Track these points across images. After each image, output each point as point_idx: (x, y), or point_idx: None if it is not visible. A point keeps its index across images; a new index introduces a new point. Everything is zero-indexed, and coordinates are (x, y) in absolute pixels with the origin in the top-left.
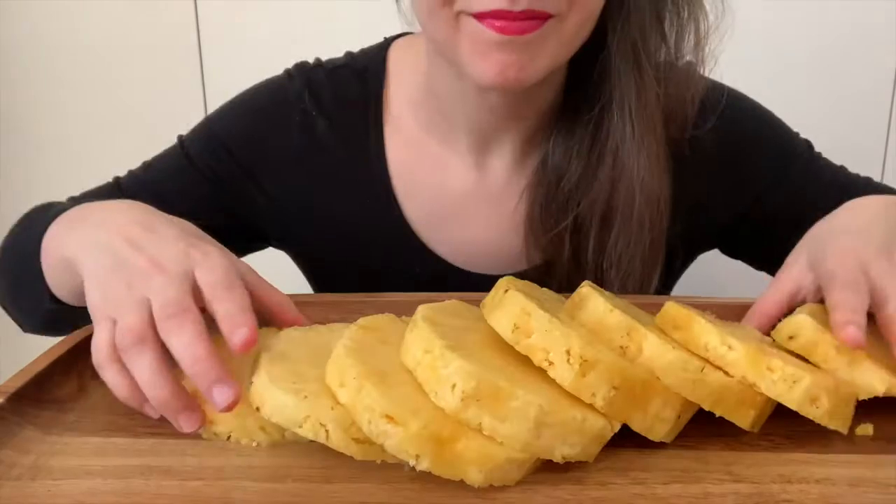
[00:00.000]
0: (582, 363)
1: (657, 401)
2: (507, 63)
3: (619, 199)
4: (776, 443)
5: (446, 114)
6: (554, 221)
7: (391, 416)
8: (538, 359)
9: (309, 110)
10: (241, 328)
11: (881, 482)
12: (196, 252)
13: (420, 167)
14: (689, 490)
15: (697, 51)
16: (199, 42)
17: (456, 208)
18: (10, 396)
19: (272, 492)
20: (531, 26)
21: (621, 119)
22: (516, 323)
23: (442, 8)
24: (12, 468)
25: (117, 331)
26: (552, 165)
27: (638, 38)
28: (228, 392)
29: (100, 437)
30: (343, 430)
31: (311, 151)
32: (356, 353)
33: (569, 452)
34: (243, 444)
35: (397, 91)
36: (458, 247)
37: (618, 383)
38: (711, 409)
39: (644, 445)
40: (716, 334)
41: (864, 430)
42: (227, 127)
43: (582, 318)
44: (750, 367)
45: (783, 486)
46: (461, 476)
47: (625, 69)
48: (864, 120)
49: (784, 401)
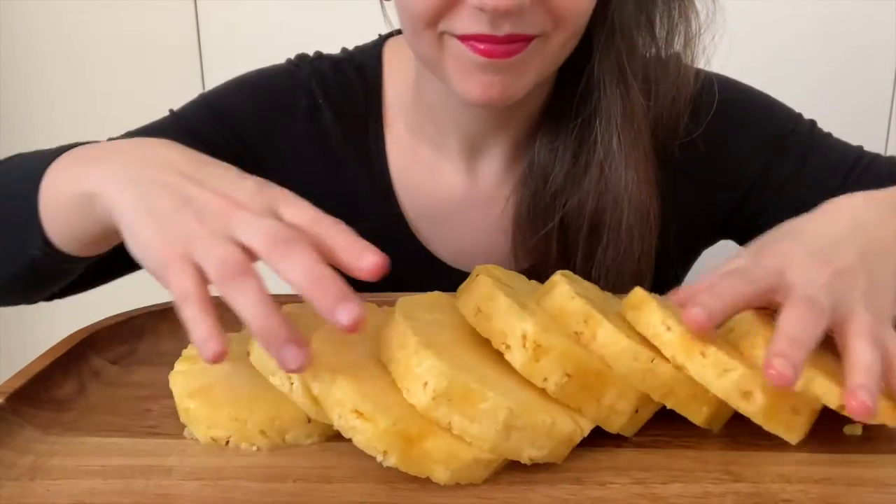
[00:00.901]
0: (535, 348)
1: (612, 392)
2: (490, 83)
3: (606, 211)
4: (775, 442)
5: (436, 120)
6: (541, 223)
7: (360, 412)
8: (496, 342)
9: (316, 97)
10: (367, 252)
11: (881, 482)
12: (270, 189)
13: (414, 169)
14: (689, 490)
15: (687, 50)
16: (199, 42)
17: (447, 211)
18: (10, 396)
19: (272, 492)
20: (515, 49)
21: (608, 132)
22: (479, 307)
23: (426, 29)
24: (11, 468)
25: (210, 265)
26: (537, 166)
27: (623, 51)
28: (354, 308)
29: (99, 437)
30: (306, 388)
31: (316, 140)
32: (332, 343)
33: (536, 455)
34: (243, 448)
35: (392, 91)
36: (452, 247)
37: (571, 370)
38: (662, 401)
39: (643, 445)
40: (658, 314)
41: (853, 429)
42: (234, 105)
43: (546, 304)
44: (682, 349)
45: (782, 486)
46: (427, 474)
47: (610, 83)
48: (864, 120)
49: (712, 389)
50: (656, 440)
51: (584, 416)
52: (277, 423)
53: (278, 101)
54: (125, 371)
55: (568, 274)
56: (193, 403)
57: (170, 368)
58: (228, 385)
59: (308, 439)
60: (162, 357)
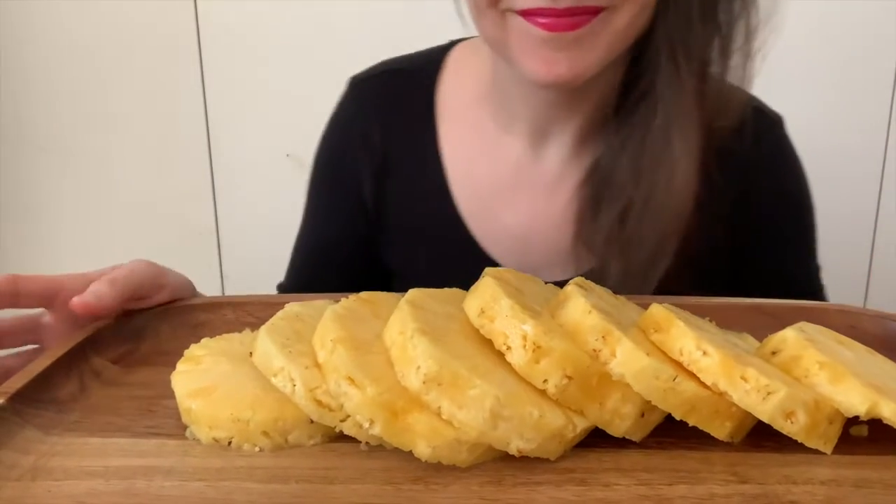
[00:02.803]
0: (535, 349)
1: (616, 395)
2: (555, 60)
3: (656, 197)
4: (781, 444)
5: (507, 106)
6: (605, 221)
7: (353, 379)
8: (498, 343)
9: (363, 122)
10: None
11: (887, 483)
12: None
13: (475, 158)
14: (695, 491)
15: (747, 46)
16: (198, 42)
17: (508, 194)
18: (11, 397)
19: (274, 493)
20: (580, 21)
21: (670, 126)
22: (483, 308)
23: (488, 7)
24: (12, 469)
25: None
26: (605, 163)
27: (682, 35)
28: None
29: (100, 438)
30: (308, 389)
31: (376, 156)
32: (341, 320)
33: (524, 447)
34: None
35: (454, 87)
36: (510, 243)
37: (571, 372)
38: (683, 418)
39: (648, 447)
40: (692, 338)
41: (859, 431)
42: (318, 154)
43: (562, 318)
44: (723, 375)
45: (788, 487)
46: (410, 447)
47: (666, 65)
48: (864, 120)
49: (757, 413)
50: (661, 441)
51: (587, 419)
52: (280, 423)
53: (341, 138)
54: (126, 371)
55: (582, 282)
56: (195, 404)
57: (171, 368)
58: (230, 386)
59: (310, 440)
60: (163, 357)
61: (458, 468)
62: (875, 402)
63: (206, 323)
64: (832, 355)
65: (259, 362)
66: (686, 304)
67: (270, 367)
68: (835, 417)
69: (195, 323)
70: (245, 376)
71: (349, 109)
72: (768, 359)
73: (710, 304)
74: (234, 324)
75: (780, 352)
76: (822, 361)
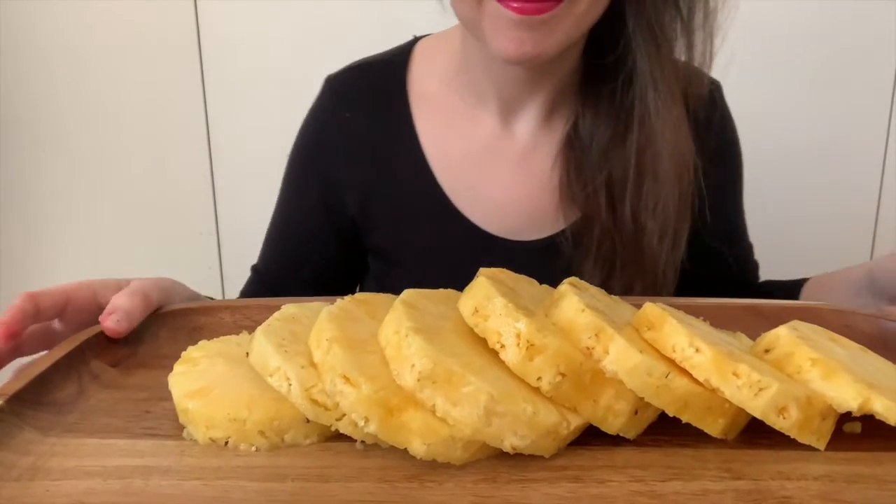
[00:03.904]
0: (529, 347)
1: (609, 392)
2: (523, 40)
3: (648, 162)
4: (775, 441)
5: (477, 85)
6: (589, 180)
7: (348, 378)
8: (492, 341)
9: (341, 113)
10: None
11: (880, 478)
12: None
13: (450, 135)
14: (688, 487)
15: (706, 25)
16: (199, 42)
17: (485, 166)
18: (10, 398)
19: (271, 491)
20: (547, 6)
21: (644, 90)
22: (477, 307)
23: None
24: (11, 469)
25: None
26: (583, 131)
27: (653, 14)
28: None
29: (98, 439)
30: (304, 388)
31: (355, 146)
32: (337, 320)
33: (518, 444)
34: (242, 448)
35: (424, 73)
36: (493, 211)
37: (565, 370)
38: (677, 414)
39: (642, 444)
40: (684, 335)
41: (852, 427)
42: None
43: (555, 316)
44: (715, 371)
45: (782, 483)
46: (405, 445)
47: (644, 44)
48: (864, 120)
49: (749, 409)
50: (655, 438)
51: (580, 416)
52: (276, 423)
53: (321, 129)
54: (125, 374)
55: (575, 281)
56: (192, 404)
57: (169, 372)
58: (227, 386)
59: (307, 439)
60: (161, 360)
61: (453, 466)
62: (867, 398)
63: (203, 326)
64: (825, 352)
65: (255, 362)
66: (680, 304)
67: (267, 366)
68: (827, 413)
69: (193, 326)
70: (241, 377)
71: (326, 102)
72: (761, 356)
73: (704, 304)
74: (232, 327)
75: (773, 349)
76: (815, 358)
